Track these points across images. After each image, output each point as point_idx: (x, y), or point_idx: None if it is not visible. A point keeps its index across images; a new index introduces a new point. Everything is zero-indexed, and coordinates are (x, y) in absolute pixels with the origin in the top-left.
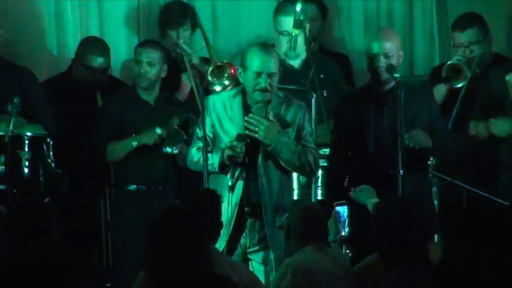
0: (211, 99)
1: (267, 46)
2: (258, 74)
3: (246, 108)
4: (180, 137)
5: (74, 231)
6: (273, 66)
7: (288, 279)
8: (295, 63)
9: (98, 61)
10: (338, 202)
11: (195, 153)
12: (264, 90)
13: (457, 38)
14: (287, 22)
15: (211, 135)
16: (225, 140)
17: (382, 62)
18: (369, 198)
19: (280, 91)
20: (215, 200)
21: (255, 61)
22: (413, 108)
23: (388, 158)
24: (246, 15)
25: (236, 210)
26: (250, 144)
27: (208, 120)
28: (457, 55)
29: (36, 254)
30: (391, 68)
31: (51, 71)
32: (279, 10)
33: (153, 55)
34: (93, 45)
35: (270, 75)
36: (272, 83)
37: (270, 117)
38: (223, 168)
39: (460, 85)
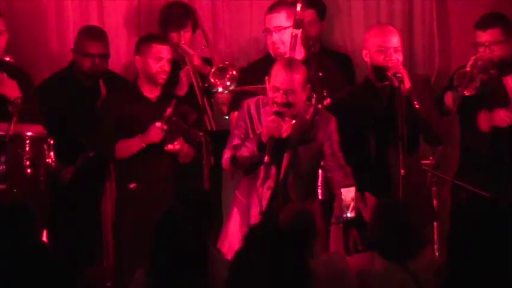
0: (247, 103)
1: (292, 63)
2: (276, 89)
3: None
4: (179, 128)
5: (75, 229)
6: (293, 83)
7: None
8: None
9: (96, 46)
10: (345, 184)
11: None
12: (278, 105)
13: (478, 36)
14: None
15: (242, 137)
16: None
17: (394, 57)
18: None
19: (311, 104)
20: (209, 199)
21: (276, 76)
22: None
23: (391, 156)
24: (246, 15)
25: (261, 218)
26: (277, 153)
27: (241, 124)
28: (473, 59)
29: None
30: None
31: (52, 71)
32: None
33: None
34: (90, 31)
35: (287, 91)
36: (291, 99)
37: None
38: (262, 149)
39: (467, 93)
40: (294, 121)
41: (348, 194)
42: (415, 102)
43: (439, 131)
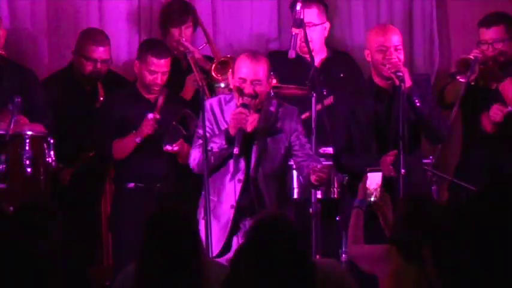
0: (209, 103)
1: (256, 54)
2: (243, 80)
3: None
4: (179, 133)
5: (74, 229)
6: (259, 73)
7: None
8: (316, 60)
9: (99, 51)
10: (372, 168)
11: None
12: (246, 96)
13: (482, 34)
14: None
15: (208, 137)
16: None
17: (394, 55)
18: None
19: (273, 96)
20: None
21: (241, 67)
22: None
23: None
24: (246, 15)
25: (233, 212)
26: (245, 146)
27: (206, 124)
28: (475, 51)
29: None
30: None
31: (52, 70)
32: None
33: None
34: (93, 36)
35: (254, 82)
36: (257, 90)
37: None
38: (230, 142)
39: (462, 80)
40: (258, 114)
41: (373, 179)
42: (416, 100)
43: (441, 129)
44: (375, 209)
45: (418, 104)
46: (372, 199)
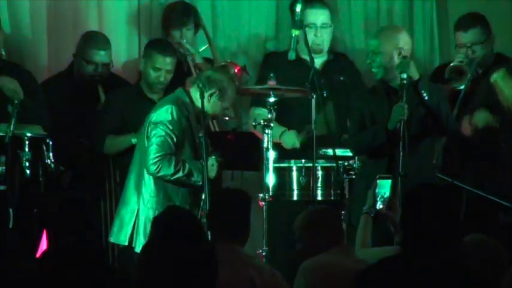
0: (178, 117)
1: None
2: (227, 107)
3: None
4: None
5: None
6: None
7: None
8: (317, 62)
9: (100, 55)
10: (382, 176)
11: (171, 167)
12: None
13: (459, 38)
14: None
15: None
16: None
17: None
18: None
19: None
20: (245, 200)
21: (231, 95)
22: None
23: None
24: (246, 15)
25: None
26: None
27: (176, 133)
28: (459, 56)
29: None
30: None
31: (51, 71)
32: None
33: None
34: (95, 39)
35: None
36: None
37: None
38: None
39: (461, 87)
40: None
41: (383, 186)
42: (424, 94)
43: (448, 123)
44: (382, 217)
45: (426, 98)
46: (381, 206)
